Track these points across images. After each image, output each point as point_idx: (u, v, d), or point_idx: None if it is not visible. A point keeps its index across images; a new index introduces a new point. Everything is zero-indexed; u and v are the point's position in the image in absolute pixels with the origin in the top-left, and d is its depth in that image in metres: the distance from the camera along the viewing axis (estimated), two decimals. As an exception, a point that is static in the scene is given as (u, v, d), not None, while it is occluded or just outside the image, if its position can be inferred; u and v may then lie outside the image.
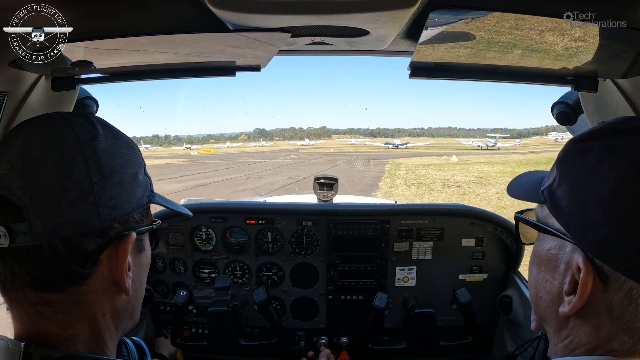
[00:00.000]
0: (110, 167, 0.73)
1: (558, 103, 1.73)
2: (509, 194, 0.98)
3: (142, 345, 0.96)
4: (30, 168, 0.66)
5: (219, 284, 2.05)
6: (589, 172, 0.71)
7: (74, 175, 0.68)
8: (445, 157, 46.35)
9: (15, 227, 0.65)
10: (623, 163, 0.68)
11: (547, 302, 0.80)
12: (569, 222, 0.73)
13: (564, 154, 0.79)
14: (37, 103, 1.45)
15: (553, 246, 0.78)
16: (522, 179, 0.99)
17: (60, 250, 0.68)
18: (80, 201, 0.68)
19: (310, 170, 31.27)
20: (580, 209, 0.71)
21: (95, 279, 0.73)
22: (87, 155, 0.70)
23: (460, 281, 2.23)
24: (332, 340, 2.23)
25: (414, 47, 1.31)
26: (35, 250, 0.67)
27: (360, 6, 0.96)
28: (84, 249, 0.70)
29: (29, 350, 0.67)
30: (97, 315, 0.75)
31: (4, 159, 0.67)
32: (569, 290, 0.73)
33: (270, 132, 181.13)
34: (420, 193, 21.38)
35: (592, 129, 0.77)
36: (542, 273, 0.81)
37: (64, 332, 0.71)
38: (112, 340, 0.79)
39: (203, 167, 37.40)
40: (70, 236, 0.68)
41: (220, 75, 1.58)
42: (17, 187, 0.65)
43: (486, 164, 37.42)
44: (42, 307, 0.70)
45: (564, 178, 0.76)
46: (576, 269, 0.71)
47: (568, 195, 0.74)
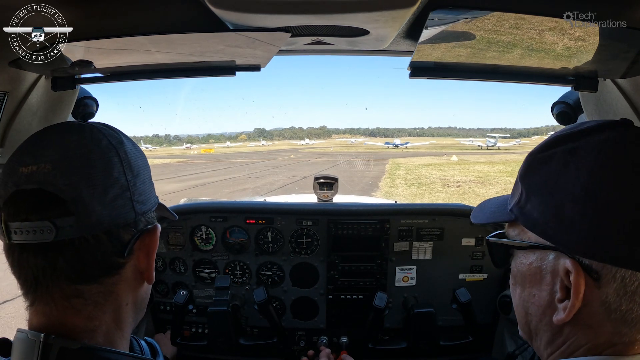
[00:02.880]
0: (137, 167, 0.81)
1: (558, 103, 1.73)
2: (475, 222, 0.98)
3: (155, 345, 0.97)
4: (74, 167, 0.72)
5: (219, 283, 2.05)
6: (557, 176, 0.73)
7: (114, 173, 0.75)
8: (445, 156, 46.35)
9: (61, 221, 0.69)
10: (588, 160, 0.70)
11: (538, 316, 0.79)
12: (546, 230, 0.74)
13: (526, 167, 0.80)
14: (37, 103, 1.45)
15: (534, 259, 0.77)
16: (485, 205, 1.01)
17: (103, 241, 0.74)
18: (120, 196, 0.75)
19: (310, 170, 31.26)
20: (556, 214, 0.72)
21: (127, 269, 0.79)
22: (121, 156, 0.78)
23: (460, 281, 2.23)
24: (332, 340, 2.23)
25: (414, 47, 1.31)
26: (81, 242, 0.71)
27: (360, 6, 0.96)
28: (122, 240, 0.77)
29: (48, 341, 0.70)
30: (122, 305, 0.80)
31: (42, 160, 0.71)
32: (561, 297, 0.73)
33: (270, 132, 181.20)
34: (420, 193, 21.39)
35: (547, 140, 0.79)
36: (527, 289, 0.80)
37: (89, 324, 0.75)
38: (129, 330, 0.84)
39: (203, 167, 37.39)
40: (112, 228, 0.74)
41: (220, 75, 1.58)
42: (63, 183, 0.70)
43: (486, 163, 37.41)
44: (76, 299, 0.74)
45: (531, 190, 0.77)
46: (564, 274, 0.71)
47: (540, 204, 0.75)
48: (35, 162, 0.71)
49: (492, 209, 0.94)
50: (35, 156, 0.72)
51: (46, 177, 0.70)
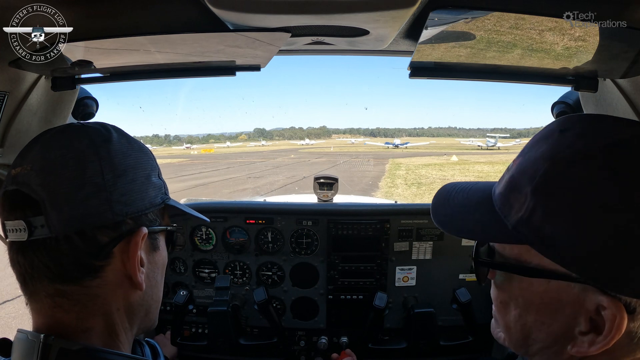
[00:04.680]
0: (122, 166, 0.78)
1: (558, 103, 1.73)
2: (446, 231, 0.80)
3: (155, 346, 0.97)
4: (48, 167, 0.73)
5: (219, 283, 2.05)
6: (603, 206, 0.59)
7: (87, 172, 0.74)
8: (445, 156, 46.34)
9: (34, 220, 0.71)
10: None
11: (545, 344, 0.70)
12: (577, 262, 0.62)
13: (551, 178, 0.64)
14: (37, 103, 1.45)
15: (549, 289, 0.66)
16: (451, 201, 0.83)
17: (75, 242, 0.73)
18: (94, 196, 0.74)
19: (310, 169, 31.25)
20: (602, 247, 0.59)
21: (109, 272, 0.77)
22: (101, 155, 0.76)
23: (460, 281, 2.23)
24: (332, 340, 2.23)
25: (414, 47, 1.31)
26: (52, 242, 0.72)
27: (360, 6, 0.96)
28: (97, 241, 0.75)
29: (48, 341, 0.70)
30: (112, 309, 0.78)
31: (26, 161, 0.74)
32: (585, 330, 0.64)
33: (270, 132, 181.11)
34: (420, 193, 21.37)
35: (582, 148, 0.64)
36: (532, 316, 0.70)
37: (80, 324, 0.75)
38: (126, 335, 0.82)
39: (203, 167, 37.38)
40: (84, 229, 0.73)
41: (220, 75, 1.58)
42: (36, 183, 0.71)
43: (486, 163, 37.41)
44: (59, 298, 0.74)
45: (556, 210, 0.63)
46: (594, 310, 0.62)
47: (573, 230, 0.61)
48: (21, 163, 0.74)
49: (472, 214, 0.78)
50: (23, 158, 0.76)
51: (24, 178, 0.72)
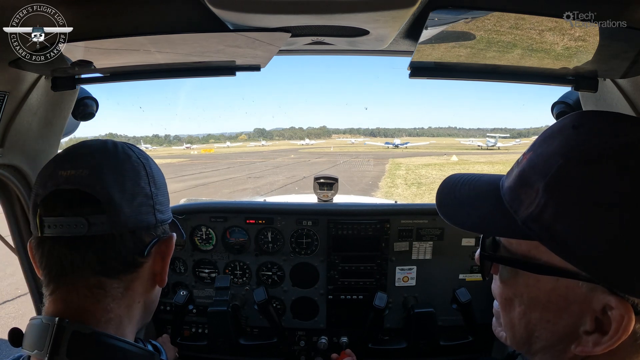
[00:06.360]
0: (159, 182, 0.92)
1: (558, 103, 1.73)
2: (452, 223, 0.79)
3: (159, 347, 0.99)
4: (109, 174, 0.82)
5: (219, 283, 2.05)
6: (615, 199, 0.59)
7: (141, 183, 0.87)
8: (445, 156, 46.39)
9: (93, 218, 0.79)
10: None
11: (549, 342, 0.70)
12: (587, 262, 0.61)
13: (565, 175, 0.63)
14: (37, 103, 1.45)
15: (556, 286, 0.65)
16: (458, 194, 0.82)
17: (127, 239, 0.83)
18: (145, 203, 0.86)
19: (310, 169, 31.27)
20: (612, 247, 0.59)
21: (144, 269, 0.88)
22: (147, 171, 0.89)
23: (460, 281, 2.23)
24: (332, 340, 2.23)
25: (414, 47, 1.31)
26: (109, 238, 0.81)
27: (360, 6, 0.96)
28: (143, 241, 0.86)
29: (62, 324, 0.76)
30: (134, 302, 0.88)
31: (80, 166, 0.82)
32: (590, 329, 0.64)
33: (270, 132, 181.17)
34: (420, 193, 21.38)
35: (596, 147, 0.63)
36: (537, 313, 0.69)
37: (104, 315, 0.82)
38: (135, 327, 0.91)
39: (203, 167, 37.40)
40: (136, 230, 0.84)
41: (220, 75, 1.58)
42: (99, 186, 0.80)
43: (486, 163, 37.42)
44: (97, 290, 0.82)
45: (566, 205, 0.62)
46: (600, 309, 0.62)
47: (584, 228, 0.60)
48: (73, 167, 0.81)
49: (479, 207, 0.78)
50: (74, 163, 0.83)
51: (83, 180, 0.80)
